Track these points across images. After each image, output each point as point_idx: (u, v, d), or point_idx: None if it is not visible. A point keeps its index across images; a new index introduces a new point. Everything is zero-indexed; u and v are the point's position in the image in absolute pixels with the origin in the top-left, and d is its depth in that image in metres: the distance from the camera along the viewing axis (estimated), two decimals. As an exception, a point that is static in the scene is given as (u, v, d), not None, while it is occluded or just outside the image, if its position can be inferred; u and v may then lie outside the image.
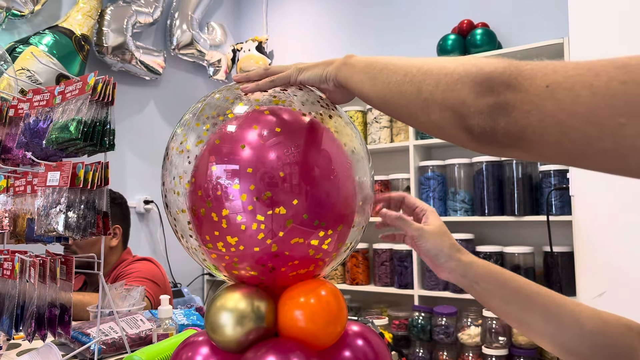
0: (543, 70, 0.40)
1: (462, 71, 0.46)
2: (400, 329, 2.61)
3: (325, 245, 0.69)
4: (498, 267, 0.72)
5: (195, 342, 0.72)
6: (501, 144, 0.43)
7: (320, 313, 0.67)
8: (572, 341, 0.66)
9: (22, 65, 2.18)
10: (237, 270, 0.71)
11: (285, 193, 0.65)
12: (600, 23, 1.83)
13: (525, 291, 0.69)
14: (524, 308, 0.68)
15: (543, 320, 0.67)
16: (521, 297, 0.68)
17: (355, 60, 0.63)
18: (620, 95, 0.35)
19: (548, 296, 0.68)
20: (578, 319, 0.66)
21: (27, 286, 1.06)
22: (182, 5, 3.13)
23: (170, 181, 0.72)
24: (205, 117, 0.71)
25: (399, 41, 2.99)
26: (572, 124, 0.37)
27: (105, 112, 1.02)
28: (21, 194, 1.16)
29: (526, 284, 0.69)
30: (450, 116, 0.47)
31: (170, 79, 3.21)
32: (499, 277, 0.70)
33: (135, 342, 1.17)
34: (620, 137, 0.35)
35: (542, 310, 0.67)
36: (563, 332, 0.66)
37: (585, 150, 0.39)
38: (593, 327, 0.65)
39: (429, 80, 0.49)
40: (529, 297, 0.68)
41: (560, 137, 0.39)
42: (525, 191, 2.40)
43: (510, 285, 0.69)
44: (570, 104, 0.37)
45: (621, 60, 0.37)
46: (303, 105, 0.71)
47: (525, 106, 0.40)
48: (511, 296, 0.69)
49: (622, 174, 0.39)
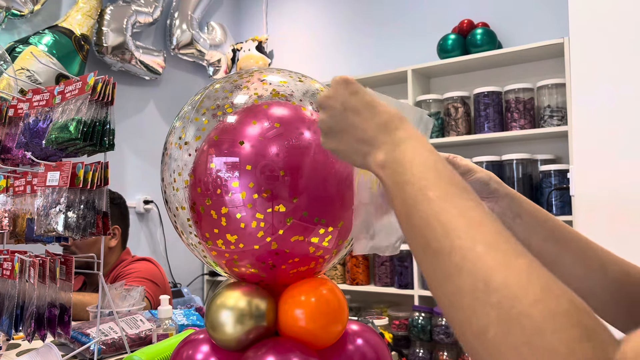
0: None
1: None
2: (400, 329, 2.61)
3: (325, 242, 0.69)
4: (538, 206, 0.72)
5: (195, 340, 0.72)
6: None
7: (321, 312, 0.67)
8: (597, 286, 0.67)
9: (21, 65, 2.18)
10: (238, 268, 0.71)
11: (284, 189, 0.65)
12: (600, 23, 1.83)
13: (561, 232, 0.69)
14: (559, 247, 0.68)
15: (573, 261, 0.67)
16: (557, 236, 0.69)
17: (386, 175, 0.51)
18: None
19: (581, 240, 0.69)
20: (605, 265, 0.67)
21: (26, 286, 1.05)
22: (182, 5, 3.13)
23: (170, 176, 0.71)
24: (204, 111, 0.71)
25: (399, 41, 2.99)
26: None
27: (105, 112, 1.02)
28: (21, 194, 1.16)
29: (563, 226, 0.70)
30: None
31: (170, 78, 3.21)
32: (540, 215, 0.70)
33: (135, 342, 1.17)
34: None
35: (574, 251, 0.68)
36: (590, 275, 0.67)
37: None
38: (616, 275, 0.66)
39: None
40: (565, 238, 0.68)
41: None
42: (526, 191, 2.40)
43: (549, 225, 0.69)
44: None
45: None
46: (304, 97, 0.70)
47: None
48: (548, 234, 0.68)
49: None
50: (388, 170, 0.50)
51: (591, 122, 1.82)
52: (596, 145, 1.81)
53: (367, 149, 0.54)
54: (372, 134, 0.53)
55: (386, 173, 0.51)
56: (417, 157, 0.49)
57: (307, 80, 0.76)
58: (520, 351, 0.34)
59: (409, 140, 0.51)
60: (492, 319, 0.36)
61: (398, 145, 0.51)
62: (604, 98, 1.79)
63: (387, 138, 0.52)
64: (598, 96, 1.80)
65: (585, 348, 0.33)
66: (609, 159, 1.78)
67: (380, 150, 0.52)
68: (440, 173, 0.46)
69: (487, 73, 2.67)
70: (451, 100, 2.59)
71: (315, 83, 0.77)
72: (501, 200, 0.70)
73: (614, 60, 1.78)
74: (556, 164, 2.42)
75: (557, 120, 2.34)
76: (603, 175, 1.79)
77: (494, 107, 2.48)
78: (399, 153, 0.50)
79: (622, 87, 1.76)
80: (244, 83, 0.73)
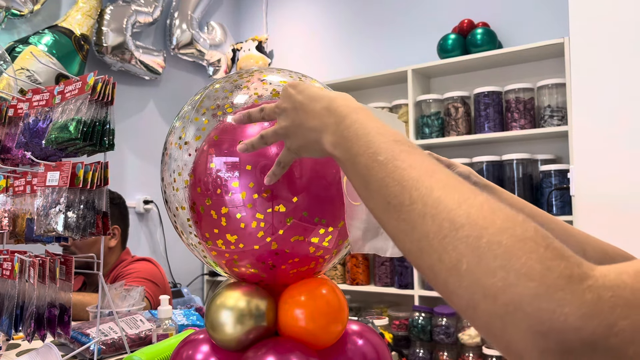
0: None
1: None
2: (400, 329, 2.61)
3: (325, 242, 0.69)
4: (516, 196, 0.76)
5: (195, 341, 0.72)
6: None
7: (321, 312, 0.67)
8: None
9: (21, 65, 2.17)
10: (238, 268, 0.71)
11: (284, 189, 0.65)
12: (600, 23, 1.83)
13: (539, 218, 0.73)
14: None
15: None
16: (536, 221, 0.71)
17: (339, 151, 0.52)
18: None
19: (559, 225, 0.72)
20: (584, 248, 0.70)
21: (26, 286, 1.05)
22: (182, 4, 3.13)
23: (170, 176, 0.71)
24: (204, 110, 0.71)
25: (399, 41, 2.99)
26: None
27: (105, 111, 1.02)
28: (21, 194, 1.16)
29: (540, 212, 0.74)
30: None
31: (170, 78, 3.20)
32: (518, 203, 0.74)
33: (135, 342, 1.17)
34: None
35: (553, 235, 0.71)
36: None
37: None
38: (595, 256, 0.69)
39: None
40: (543, 222, 0.71)
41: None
42: (526, 191, 2.40)
43: (526, 211, 0.73)
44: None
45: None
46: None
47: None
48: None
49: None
50: (339, 148, 0.52)
51: (591, 122, 1.82)
52: (596, 145, 1.81)
53: (318, 135, 0.56)
54: (318, 120, 0.56)
55: (338, 151, 0.53)
56: (360, 128, 0.50)
57: (307, 80, 0.76)
58: (496, 274, 0.34)
59: (349, 115, 0.53)
60: (463, 251, 0.36)
61: (342, 122, 0.53)
62: (604, 98, 1.79)
63: (331, 119, 0.54)
64: (598, 96, 1.80)
65: (560, 265, 0.33)
66: (609, 159, 1.78)
67: (327, 132, 0.54)
68: (384, 136, 0.48)
69: (487, 73, 2.67)
70: (451, 100, 2.59)
71: (315, 83, 0.77)
72: (484, 191, 0.75)
73: (614, 60, 1.78)
74: (556, 164, 2.41)
75: (557, 120, 2.34)
76: (603, 175, 1.79)
77: (494, 107, 2.48)
78: (344, 129, 0.52)
79: (622, 87, 1.76)
80: (244, 83, 0.73)
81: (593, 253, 0.70)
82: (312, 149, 0.58)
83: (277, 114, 0.61)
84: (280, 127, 0.60)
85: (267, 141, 0.62)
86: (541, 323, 0.32)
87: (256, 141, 0.62)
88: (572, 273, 0.33)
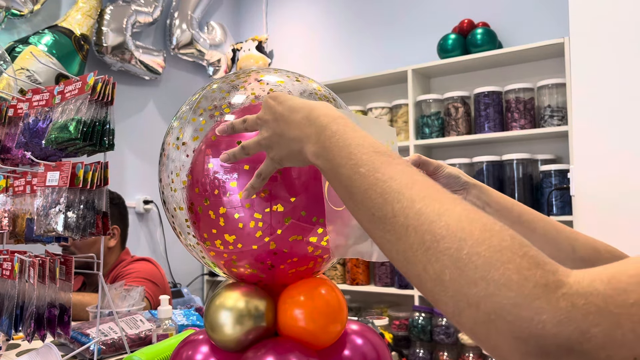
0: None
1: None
2: (400, 329, 2.61)
3: (324, 242, 0.69)
4: (505, 195, 0.77)
5: (195, 341, 0.72)
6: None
7: (320, 312, 0.67)
8: (567, 265, 0.70)
9: (21, 65, 2.17)
10: (236, 268, 0.71)
11: (282, 189, 0.65)
12: (600, 23, 1.82)
13: (528, 216, 0.74)
14: (527, 230, 0.72)
15: (543, 242, 0.71)
16: (525, 219, 0.73)
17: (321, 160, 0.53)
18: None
19: (548, 222, 0.73)
20: (573, 245, 0.71)
21: (26, 286, 1.05)
22: (182, 4, 3.13)
23: (167, 177, 0.71)
24: (201, 111, 0.71)
25: (399, 41, 2.99)
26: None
27: (105, 111, 1.02)
28: (20, 194, 1.16)
29: (529, 211, 0.75)
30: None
31: (170, 78, 3.21)
32: (507, 202, 0.75)
33: (135, 342, 1.17)
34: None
35: (542, 232, 0.72)
36: (560, 255, 0.70)
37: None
38: (585, 253, 0.70)
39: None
40: (532, 220, 0.73)
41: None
42: (526, 191, 2.40)
43: (516, 209, 0.74)
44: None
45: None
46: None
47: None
48: (516, 218, 0.73)
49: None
50: (321, 158, 0.53)
51: (591, 122, 1.82)
52: (596, 145, 1.81)
53: (300, 145, 0.56)
54: (299, 130, 0.56)
55: (321, 161, 0.53)
56: (341, 139, 0.51)
57: (305, 80, 0.76)
58: (477, 285, 0.37)
59: (329, 126, 0.53)
60: (445, 263, 0.39)
61: (322, 132, 0.53)
62: (604, 98, 1.79)
63: (311, 129, 0.55)
64: (598, 96, 1.80)
65: (536, 274, 0.36)
66: (609, 159, 1.78)
67: (309, 142, 0.55)
68: (364, 147, 0.49)
69: (487, 73, 2.67)
70: (451, 100, 2.59)
71: (313, 82, 0.77)
72: (471, 191, 0.76)
73: (614, 60, 1.78)
74: (556, 164, 2.41)
75: (557, 120, 2.34)
76: (603, 175, 1.79)
77: (494, 107, 2.48)
78: (325, 139, 0.53)
79: (623, 87, 1.75)
80: (241, 83, 0.73)
81: (583, 250, 0.70)
82: (295, 159, 0.59)
83: (259, 125, 0.61)
84: (262, 138, 0.61)
85: (248, 152, 0.63)
86: (521, 330, 0.35)
87: (238, 151, 0.63)
88: (547, 281, 0.36)
